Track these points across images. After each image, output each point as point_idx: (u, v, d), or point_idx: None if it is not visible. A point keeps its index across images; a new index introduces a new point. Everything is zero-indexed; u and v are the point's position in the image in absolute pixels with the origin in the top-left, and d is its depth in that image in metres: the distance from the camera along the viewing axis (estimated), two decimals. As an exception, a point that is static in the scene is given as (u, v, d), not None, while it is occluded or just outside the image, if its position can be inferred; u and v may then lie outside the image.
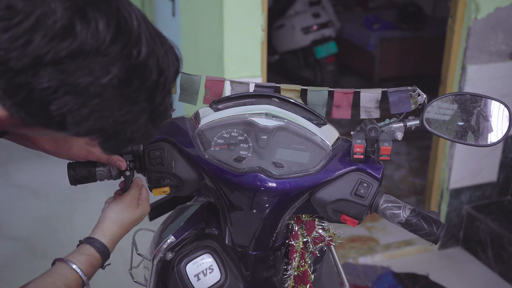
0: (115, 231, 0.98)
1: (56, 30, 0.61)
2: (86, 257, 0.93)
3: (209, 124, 1.06)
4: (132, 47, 0.66)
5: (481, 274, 2.76)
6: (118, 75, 0.65)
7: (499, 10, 2.50)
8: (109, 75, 0.64)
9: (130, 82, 0.66)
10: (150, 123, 0.73)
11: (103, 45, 0.63)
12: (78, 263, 0.91)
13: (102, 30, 0.63)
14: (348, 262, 2.76)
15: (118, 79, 0.65)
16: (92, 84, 0.64)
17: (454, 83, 2.61)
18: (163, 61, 0.70)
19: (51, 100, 0.63)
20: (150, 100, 0.70)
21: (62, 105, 0.64)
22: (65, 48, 0.61)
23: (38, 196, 3.35)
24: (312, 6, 5.35)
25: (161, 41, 0.71)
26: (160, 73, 0.69)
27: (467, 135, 1.05)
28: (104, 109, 0.66)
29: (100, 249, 0.95)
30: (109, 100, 0.66)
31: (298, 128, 1.04)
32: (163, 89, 0.71)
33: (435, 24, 5.53)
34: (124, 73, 0.65)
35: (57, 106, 0.64)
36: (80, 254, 0.93)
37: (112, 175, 1.08)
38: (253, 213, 1.02)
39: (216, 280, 1.10)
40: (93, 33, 0.63)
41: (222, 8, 2.21)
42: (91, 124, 0.67)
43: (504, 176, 2.89)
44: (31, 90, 0.63)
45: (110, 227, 0.98)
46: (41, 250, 2.79)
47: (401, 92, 1.08)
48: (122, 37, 0.65)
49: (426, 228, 0.98)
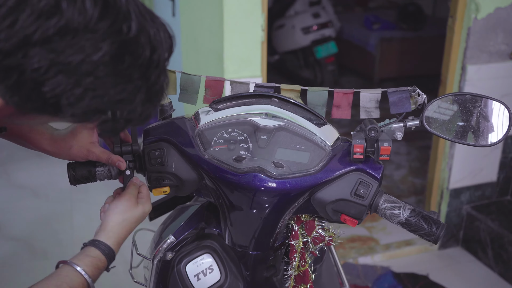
0: (119, 232, 0.97)
1: (42, 8, 0.61)
2: (91, 259, 0.92)
3: (209, 124, 1.06)
4: (121, 23, 0.65)
5: (481, 274, 2.76)
6: (109, 52, 0.64)
7: (499, 10, 2.50)
8: (99, 51, 0.64)
9: (122, 59, 0.66)
10: (147, 102, 0.72)
11: (91, 22, 0.63)
12: (83, 266, 0.90)
13: (89, 7, 0.63)
14: (348, 262, 2.76)
15: (109, 55, 0.64)
16: (84, 62, 0.63)
17: (454, 83, 2.61)
18: (155, 38, 0.69)
19: (44, 81, 0.63)
20: (145, 78, 0.69)
21: (55, 85, 0.63)
22: (52, 26, 0.61)
23: (38, 196, 3.35)
24: (312, 6, 5.35)
25: (152, 19, 0.70)
26: (153, 50, 0.69)
27: (467, 135, 1.05)
28: (98, 88, 0.66)
29: (105, 251, 0.94)
30: (103, 78, 0.65)
31: (298, 128, 1.04)
32: (157, 67, 0.71)
33: (435, 24, 5.53)
34: (115, 49, 0.65)
35: (50, 86, 0.63)
36: (85, 256, 0.92)
37: (112, 175, 1.08)
38: (253, 213, 1.02)
39: (216, 280, 1.10)
40: (80, 9, 0.62)
41: (222, 8, 2.21)
42: (86, 104, 0.66)
43: (504, 176, 2.89)
44: (22, 71, 0.62)
45: (114, 228, 0.97)
46: (41, 250, 2.79)
47: (401, 92, 1.08)
48: (110, 13, 0.64)
49: (426, 228, 0.98)
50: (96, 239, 0.95)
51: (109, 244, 0.95)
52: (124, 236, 0.99)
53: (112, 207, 1.00)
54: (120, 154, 1.04)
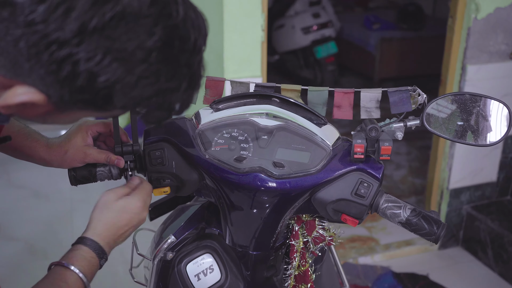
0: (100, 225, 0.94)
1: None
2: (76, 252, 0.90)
3: (209, 124, 1.06)
4: (171, 7, 0.64)
5: (481, 274, 2.76)
6: (161, 37, 0.63)
7: (499, 10, 2.50)
8: (153, 37, 0.62)
9: (172, 44, 0.64)
10: (189, 89, 0.71)
11: (144, 6, 0.61)
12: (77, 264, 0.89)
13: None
14: (348, 262, 2.76)
15: (161, 41, 0.63)
16: (138, 48, 0.62)
17: (454, 83, 2.61)
18: (196, 22, 0.68)
19: (99, 71, 0.61)
20: (189, 65, 0.69)
21: (110, 75, 0.61)
22: (108, 11, 0.59)
23: (38, 197, 3.35)
24: (312, 6, 5.35)
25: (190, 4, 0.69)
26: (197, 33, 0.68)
27: (467, 135, 1.05)
28: (151, 75, 0.64)
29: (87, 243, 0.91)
30: (155, 64, 0.64)
31: (299, 128, 1.04)
32: (199, 53, 0.70)
33: (435, 24, 5.53)
34: (166, 34, 0.63)
35: (105, 76, 0.61)
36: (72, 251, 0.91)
37: (112, 175, 1.08)
38: (253, 213, 1.02)
39: (216, 280, 1.10)
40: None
41: (222, 8, 2.21)
42: (138, 93, 0.65)
43: (504, 176, 2.89)
44: (77, 62, 0.59)
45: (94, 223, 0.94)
46: (41, 251, 2.79)
47: (401, 92, 1.08)
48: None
49: (426, 227, 0.98)
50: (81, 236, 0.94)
51: (90, 237, 0.92)
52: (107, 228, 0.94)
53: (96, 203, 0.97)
54: (121, 155, 1.04)
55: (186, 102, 0.73)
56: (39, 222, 3.07)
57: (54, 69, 0.60)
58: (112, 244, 0.95)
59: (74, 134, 1.05)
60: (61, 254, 0.95)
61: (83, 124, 1.07)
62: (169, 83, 0.67)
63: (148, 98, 0.67)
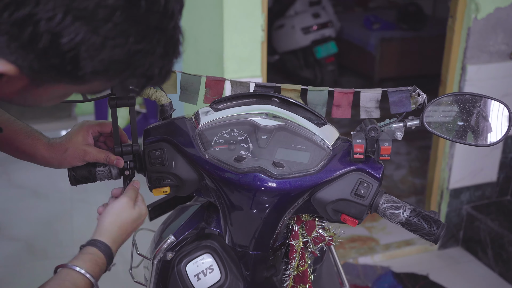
0: (115, 231, 0.98)
1: None
2: (89, 256, 0.91)
3: (209, 124, 1.06)
4: None
5: (481, 274, 2.76)
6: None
7: (499, 10, 2.50)
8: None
9: (137, 3, 0.63)
10: (166, 56, 0.70)
11: None
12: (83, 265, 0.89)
13: None
14: (348, 262, 2.76)
15: None
16: (99, 6, 0.60)
17: (454, 83, 2.61)
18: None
19: (61, 31, 0.60)
20: (162, 29, 0.67)
21: (73, 35, 0.60)
22: None
23: (38, 196, 3.35)
24: (312, 6, 5.35)
25: None
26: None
27: (467, 135, 1.05)
28: (117, 36, 0.63)
29: (102, 248, 0.94)
30: (121, 24, 0.62)
31: (298, 128, 1.04)
32: (172, 17, 0.68)
33: (435, 24, 5.53)
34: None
35: (69, 37, 0.60)
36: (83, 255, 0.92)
37: (112, 175, 1.08)
38: (253, 213, 1.02)
39: (216, 280, 1.10)
40: None
41: (222, 8, 2.21)
42: (107, 55, 0.63)
43: (504, 176, 2.89)
44: (37, 22, 0.58)
45: (109, 227, 0.97)
46: (41, 250, 2.79)
47: (401, 92, 1.08)
48: None
49: (426, 228, 0.98)
50: (92, 239, 0.96)
51: (105, 241, 0.95)
52: (120, 235, 0.98)
53: (108, 208, 1.00)
54: (121, 155, 1.05)
55: (165, 69, 0.71)
56: (39, 222, 3.07)
57: (16, 33, 0.60)
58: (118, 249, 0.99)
59: (75, 133, 1.06)
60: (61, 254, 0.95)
61: (84, 124, 1.08)
62: (139, 45, 0.65)
63: (118, 62, 0.65)
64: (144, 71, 0.68)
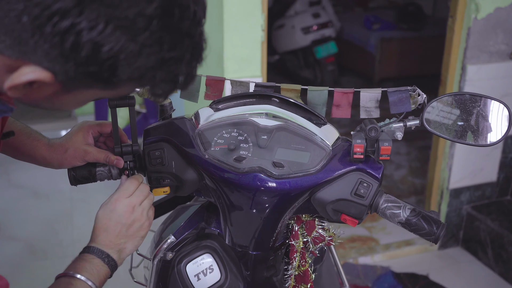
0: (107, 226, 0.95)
1: None
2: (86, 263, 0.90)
3: (209, 124, 1.06)
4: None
5: (481, 274, 2.76)
6: (160, 4, 0.63)
7: (499, 10, 2.50)
8: (153, 3, 0.63)
9: (172, 12, 0.65)
10: (193, 60, 0.72)
11: None
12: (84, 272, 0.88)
13: None
14: (348, 262, 2.76)
15: (161, 8, 0.63)
16: (139, 16, 0.62)
17: (454, 83, 2.61)
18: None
19: (102, 40, 0.61)
20: (191, 35, 0.69)
21: (114, 43, 0.61)
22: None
23: (38, 196, 3.35)
24: (312, 6, 5.35)
25: None
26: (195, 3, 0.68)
27: (467, 135, 1.05)
28: (154, 44, 0.64)
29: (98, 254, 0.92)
30: (157, 32, 0.64)
31: (298, 128, 1.04)
32: (199, 24, 0.70)
33: (435, 24, 5.53)
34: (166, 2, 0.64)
35: (109, 46, 0.61)
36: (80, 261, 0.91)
37: (112, 175, 1.08)
38: (253, 213, 1.02)
39: (216, 280, 1.10)
40: None
41: (222, 8, 2.21)
42: (143, 62, 0.65)
43: (504, 176, 2.89)
44: (80, 32, 0.60)
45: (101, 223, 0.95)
46: (41, 250, 2.79)
47: (401, 92, 1.08)
48: None
49: (426, 227, 0.98)
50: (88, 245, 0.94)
51: (97, 246, 0.93)
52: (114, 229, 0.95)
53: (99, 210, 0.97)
54: (121, 155, 1.05)
55: (190, 74, 0.73)
56: (39, 222, 3.07)
57: (58, 42, 0.60)
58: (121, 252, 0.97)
59: (75, 133, 1.06)
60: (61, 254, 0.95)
61: (84, 124, 1.08)
62: (172, 52, 0.67)
63: (152, 69, 0.67)
64: (173, 77, 0.70)
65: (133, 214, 0.97)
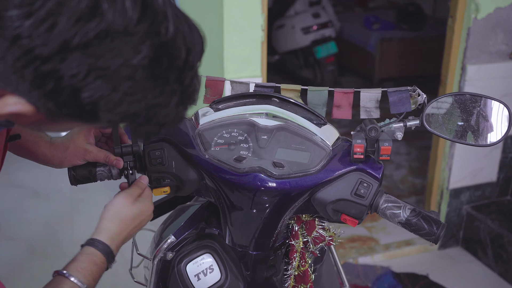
0: (114, 228, 0.96)
1: (82, 10, 0.58)
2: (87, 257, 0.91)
3: (209, 124, 1.06)
4: (160, 24, 0.63)
5: (481, 274, 2.76)
6: (148, 55, 0.62)
7: (499, 10, 2.50)
8: (139, 55, 0.62)
9: (160, 61, 0.64)
10: (181, 105, 0.71)
11: (130, 24, 0.60)
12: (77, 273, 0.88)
13: (129, 7, 0.60)
14: (348, 262, 2.76)
15: (148, 58, 0.62)
16: (123, 66, 0.61)
17: (454, 83, 2.61)
18: (190, 39, 0.68)
19: (82, 87, 0.60)
20: (180, 81, 0.68)
21: (94, 92, 0.61)
22: (92, 29, 0.58)
23: (38, 196, 3.35)
24: (312, 6, 5.35)
25: (185, 20, 0.69)
26: (188, 52, 0.67)
27: (467, 135, 1.05)
28: (137, 92, 0.64)
29: (99, 247, 0.92)
30: (141, 82, 0.63)
31: (298, 128, 1.04)
32: (191, 69, 0.69)
33: (435, 24, 5.53)
34: (154, 52, 0.63)
35: (89, 93, 0.61)
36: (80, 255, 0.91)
37: (112, 175, 1.08)
38: (253, 213, 1.02)
39: (216, 280, 1.10)
40: (120, 11, 0.59)
41: (222, 8, 2.21)
42: (124, 109, 0.64)
43: (504, 176, 2.89)
44: (60, 77, 0.59)
45: (108, 225, 0.96)
46: (41, 250, 2.79)
47: (401, 92, 1.08)
48: (148, 14, 0.62)
49: (426, 228, 0.98)
50: (91, 238, 0.94)
51: (102, 240, 0.93)
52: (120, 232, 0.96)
53: (107, 204, 0.99)
54: (120, 155, 1.04)
55: (179, 116, 0.72)
56: (39, 222, 3.07)
57: (39, 84, 0.60)
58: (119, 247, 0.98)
59: (77, 132, 1.07)
60: (61, 254, 0.95)
61: None
62: (157, 99, 0.66)
63: (135, 114, 0.66)
64: (158, 120, 0.70)
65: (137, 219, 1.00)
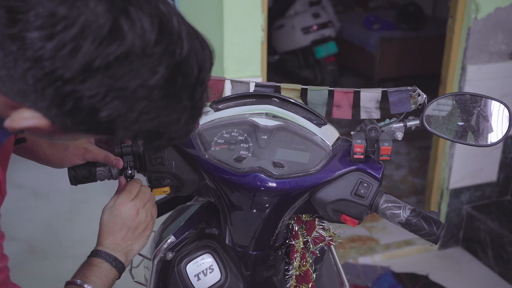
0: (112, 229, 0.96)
1: (104, 34, 0.59)
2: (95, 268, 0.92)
3: (209, 124, 1.06)
4: (175, 45, 0.65)
5: (481, 274, 2.76)
6: (164, 75, 0.64)
7: (499, 10, 2.50)
8: (156, 75, 0.63)
9: (174, 81, 0.65)
10: (190, 119, 0.72)
11: (149, 45, 0.62)
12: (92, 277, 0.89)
13: (147, 30, 0.61)
14: (348, 262, 2.76)
15: (164, 79, 0.64)
16: (140, 87, 0.63)
17: (454, 83, 2.61)
18: (201, 56, 0.69)
19: (101, 107, 0.62)
20: (191, 97, 0.69)
21: (111, 111, 0.63)
22: (113, 51, 0.60)
23: (38, 196, 3.35)
24: (312, 6, 5.34)
25: (196, 35, 0.70)
26: (200, 69, 0.68)
27: (467, 135, 1.05)
28: (152, 111, 0.65)
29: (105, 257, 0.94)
30: (156, 101, 0.65)
31: (298, 128, 1.04)
32: (202, 85, 0.70)
33: (435, 24, 5.53)
34: (169, 72, 0.64)
35: (107, 112, 0.63)
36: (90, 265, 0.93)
37: (112, 175, 1.08)
38: (253, 213, 1.02)
39: (216, 280, 1.10)
40: (140, 33, 0.61)
41: (222, 8, 2.21)
42: (139, 127, 0.66)
43: (504, 176, 2.89)
44: (80, 98, 0.61)
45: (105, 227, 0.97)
46: (41, 250, 2.79)
47: (401, 92, 1.08)
48: (165, 36, 0.63)
49: (426, 228, 0.98)
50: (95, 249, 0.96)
51: (104, 250, 0.95)
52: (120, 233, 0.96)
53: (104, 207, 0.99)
54: (120, 155, 1.04)
55: (187, 131, 0.74)
56: (39, 222, 3.07)
57: (58, 103, 0.62)
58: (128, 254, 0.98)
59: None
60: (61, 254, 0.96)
61: None
62: (170, 117, 0.68)
63: (148, 132, 0.69)
64: (170, 135, 0.71)
65: (138, 217, 0.99)
